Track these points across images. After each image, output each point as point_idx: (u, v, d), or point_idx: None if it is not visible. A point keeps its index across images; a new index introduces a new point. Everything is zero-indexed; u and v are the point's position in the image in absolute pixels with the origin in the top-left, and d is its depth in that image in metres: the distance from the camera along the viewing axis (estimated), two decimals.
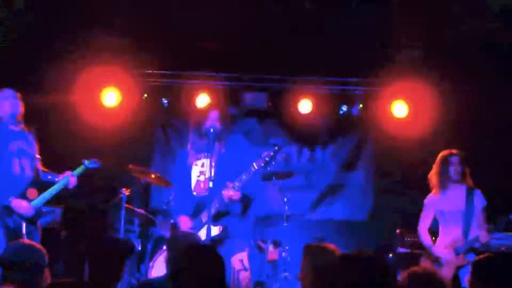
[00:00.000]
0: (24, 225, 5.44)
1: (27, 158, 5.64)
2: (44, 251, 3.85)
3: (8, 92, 5.76)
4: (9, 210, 5.42)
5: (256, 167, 5.15)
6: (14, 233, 5.39)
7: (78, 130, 8.15)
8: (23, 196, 5.49)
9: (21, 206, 5.43)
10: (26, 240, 3.98)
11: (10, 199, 5.40)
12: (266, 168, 5.23)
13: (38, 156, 5.76)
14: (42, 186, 5.73)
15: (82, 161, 5.86)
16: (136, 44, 8.27)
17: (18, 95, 5.78)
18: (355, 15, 7.31)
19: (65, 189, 5.77)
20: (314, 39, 8.13)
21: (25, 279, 3.64)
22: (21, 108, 5.74)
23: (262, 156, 5.17)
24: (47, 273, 3.80)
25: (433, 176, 6.16)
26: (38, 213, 5.53)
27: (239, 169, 5.29)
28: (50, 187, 5.69)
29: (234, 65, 8.74)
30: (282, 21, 7.50)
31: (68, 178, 5.69)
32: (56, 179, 5.75)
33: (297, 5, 7.82)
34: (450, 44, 7.87)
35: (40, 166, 5.81)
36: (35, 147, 5.76)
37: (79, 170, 5.80)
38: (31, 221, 5.48)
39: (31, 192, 5.54)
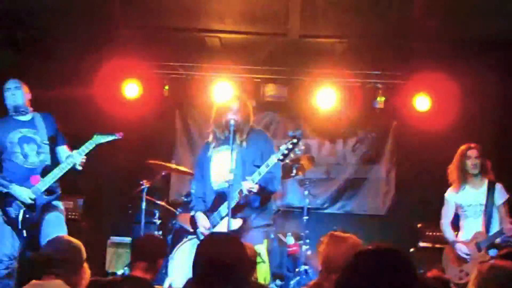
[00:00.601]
0: (21, 212, 5.45)
1: (33, 145, 5.66)
2: (81, 246, 3.91)
3: (8, 83, 5.80)
4: (9, 198, 5.48)
5: (274, 160, 5.11)
6: (16, 221, 5.45)
7: (99, 122, 8.18)
8: (26, 183, 5.52)
9: (20, 192, 5.47)
10: (65, 236, 4.06)
11: (8, 187, 5.46)
12: (284, 161, 5.18)
13: (47, 142, 5.72)
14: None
15: (93, 134, 5.68)
16: (157, 36, 8.27)
17: (21, 84, 5.78)
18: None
19: (73, 170, 5.63)
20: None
21: (64, 273, 3.71)
22: (23, 98, 5.75)
23: (280, 149, 5.12)
24: (85, 267, 3.88)
25: (452, 171, 6.12)
26: (39, 198, 5.52)
27: (260, 161, 5.27)
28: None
29: (255, 57, 8.73)
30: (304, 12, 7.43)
31: (71, 159, 5.57)
32: None
33: None
34: (474, 37, 7.76)
35: (62, 151, 5.80)
36: (47, 133, 5.73)
37: (87, 146, 5.61)
38: (31, 207, 5.48)
39: (34, 178, 5.54)
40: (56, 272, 3.68)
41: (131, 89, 8.67)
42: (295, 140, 5.09)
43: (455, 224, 6.16)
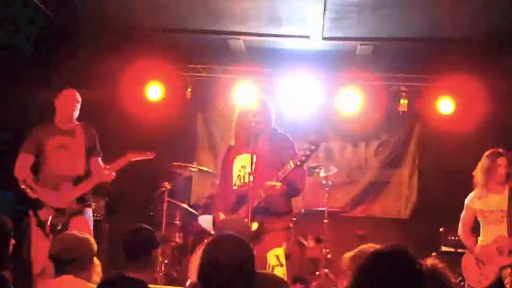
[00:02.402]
0: (50, 217, 5.56)
1: (67, 154, 5.77)
2: (90, 242, 3.99)
3: (65, 93, 5.93)
4: (40, 203, 5.60)
5: (292, 165, 5.10)
6: (45, 225, 5.55)
7: (121, 124, 8.25)
8: (58, 189, 5.65)
9: (50, 198, 5.60)
10: (73, 234, 4.10)
11: (37, 193, 5.59)
12: (301, 166, 5.16)
13: (84, 152, 5.83)
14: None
15: (126, 152, 5.86)
16: (181, 38, 8.30)
17: (74, 97, 5.91)
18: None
19: (102, 182, 5.83)
20: None
21: (74, 271, 3.79)
22: (71, 111, 5.87)
23: (298, 154, 5.12)
24: (95, 263, 3.98)
25: (477, 174, 6.02)
26: (69, 205, 5.63)
27: (281, 164, 5.26)
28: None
29: (278, 59, 8.72)
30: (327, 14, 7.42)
31: (102, 173, 5.76)
32: None
33: None
34: (500, 38, 7.67)
35: (94, 162, 5.91)
36: (85, 144, 5.85)
37: (119, 163, 5.81)
38: (61, 212, 5.60)
39: (65, 185, 5.67)
40: (66, 271, 3.76)
41: (154, 91, 8.72)
42: (313, 147, 5.07)
43: (475, 231, 6.08)
